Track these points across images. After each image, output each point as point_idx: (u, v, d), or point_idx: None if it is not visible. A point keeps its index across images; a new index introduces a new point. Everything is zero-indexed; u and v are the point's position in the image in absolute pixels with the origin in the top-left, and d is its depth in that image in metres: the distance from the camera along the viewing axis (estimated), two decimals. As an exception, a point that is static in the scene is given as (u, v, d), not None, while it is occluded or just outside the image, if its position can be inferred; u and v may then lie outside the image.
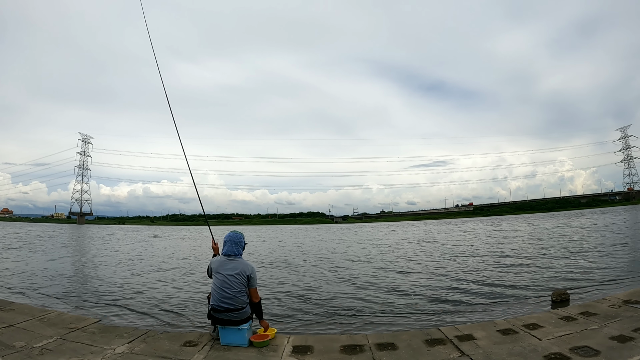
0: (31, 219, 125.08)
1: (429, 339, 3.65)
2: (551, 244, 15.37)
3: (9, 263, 12.77)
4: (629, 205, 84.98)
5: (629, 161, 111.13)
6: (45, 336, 3.70)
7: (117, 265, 12.63)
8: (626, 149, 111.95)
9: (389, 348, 3.46)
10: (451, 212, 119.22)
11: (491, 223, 46.66)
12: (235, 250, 3.71)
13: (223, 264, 3.64)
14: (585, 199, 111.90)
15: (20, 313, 4.50)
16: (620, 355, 2.98)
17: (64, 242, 26.35)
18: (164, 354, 3.34)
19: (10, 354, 3.23)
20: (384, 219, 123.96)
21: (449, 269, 10.20)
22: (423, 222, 76.68)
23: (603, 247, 13.10)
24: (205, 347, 3.50)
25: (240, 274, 3.58)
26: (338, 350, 3.46)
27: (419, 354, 3.30)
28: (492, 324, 4.10)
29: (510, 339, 3.54)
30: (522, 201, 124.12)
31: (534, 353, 3.15)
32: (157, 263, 13.50)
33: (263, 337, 3.63)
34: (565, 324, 3.86)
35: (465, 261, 11.77)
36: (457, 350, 3.35)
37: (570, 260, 10.53)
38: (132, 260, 14.58)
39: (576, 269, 9.05)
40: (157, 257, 15.66)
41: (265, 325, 3.77)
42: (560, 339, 3.42)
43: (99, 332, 3.93)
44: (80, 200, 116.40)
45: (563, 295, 5.94)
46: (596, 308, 4.33)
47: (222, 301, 3.51)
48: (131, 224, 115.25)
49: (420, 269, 10.60)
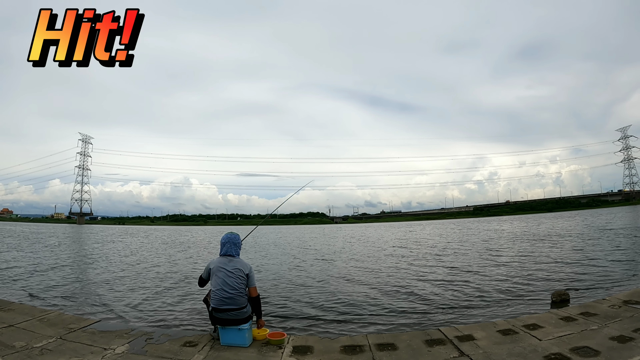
0: (31, 219, 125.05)
1: (429, 339, 3.65)
2: (551, 244, 15.36)
3: (9, 263, 12.76)
4: (628, 205, 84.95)
5: (629, 162, 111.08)
6: (45, 336, 3.70)
7: (117, 266, 12.63)
8: (626, 149, 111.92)
9: (389, 348, 3.46)
10: (451, 213, 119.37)
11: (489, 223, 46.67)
12: (233, 250, 3.78)
13: (222, 264, 3.68)
14: (585, 199, 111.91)
15: (20, 313, 4.49)
16: (620, 355, 2.98)
17: (64, 242, 26.34)
18: (164, 354, 3.34)
19: (10, 354, 3.23)
20: (384, 219, 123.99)
21: (449, 269, 10.20)
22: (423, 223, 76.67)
23: (603, 247, 13.09)
24: (205, 347, 3.50)
25: (240, 274, 3.62)
26: (338, 351, 3.46)
27: (419, 354, 3.30)
28: (492, 324, 4.10)
29: (510, 339, 3.54)
30: (522, 201, 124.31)
31: (534, 353, 3.15)
32: (157, 264, 13.50)
33: (279, 335, 3.71)
34: (565, 324, 3.86)
35: (465, 261, 11.77)
36: (457, 350, 3.34)
37: (570, 260, 10.53)
38: (132, 260, 14.58)
39: (576, 269, 9.04)
40: (157, 258, 15.66)
41: (261, 325, 3.80)
42: (560, 340, 3.41)
43: (99, 332, 3.93)
44: (80, 200, 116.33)
45: (563, 295, 5.94)
46: (596, 308, 4.33)
47: (222, 301, 3.53)
48: (131, 224, 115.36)
49: (420, 269, 10.60)
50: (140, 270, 11.36)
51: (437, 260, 12.56)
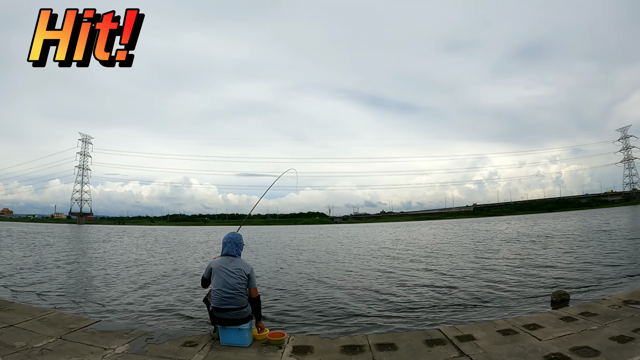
0: (31, 219, 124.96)
1: (429, 339, 3.65)
2: (551, 244, 15.37)
3: (9, 263, 12.76)
4: (629, 205, 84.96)
5: (628, 162, 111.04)
6: (45, 336, 3.70)
7: (117, 266, 12.62)
8: (626, 149, 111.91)
9: (389, 348, 3.46)
10: (451, 213, 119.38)
11: (488, 223, 46.67)
12: (234, 250, 3.78)
13: (223, 264, 3.68)
14: (585, 199, 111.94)
15: (20, 313, 4.49)
16: (620, 355, 2.98)
17: (64, 242, 26.34)
18: (164, 354, 3.34)
19: (10, 354, 3.23)
20: (384, 219, 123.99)
21: (449, 269, 10.19)
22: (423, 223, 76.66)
23: (603, 247, 13.09)
24: (205, 347, 3.50)
25: (241, 274, 3.62)
26: (338, 351, 3.46)
27: (419, 354, 3.30)
28: (492, 324, 4.10)
29: (510, 339, 3.54)
30: (522, 201, 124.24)
31: (534, 353, 3.15)
32: (156, 263, 13.49)
33: (279, 335, 3.71)
34: (565, 324, 3.86)
35: (465, 261, 11.77)
36: (457, 350, 3.35)
37: (570, 260, 10.53)
38: (132, 260, 14.57)
39: (576, 269, 9.04)
40: (156, 258, 15.66)
41: (260, 327, 3.79)
42: (560, 340, 3.41)
43: (99, 332, 3.93)
44: (80, 200, 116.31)
45: (563, 295, 5.94)
46: (596, 308, 4.33)
47: (223, 300, 3.54)
48: (131, 224, 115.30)
49: (420, 269, 10.60)
50: (141, 270, 11.36)
51: (437, 260, 12.56)
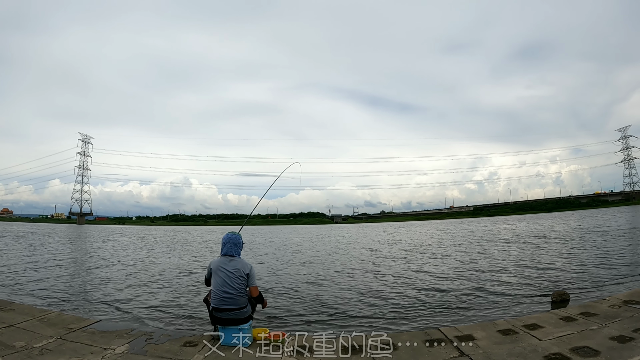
0: (31, 219, 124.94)
1: (429, 339, 3.65)
2: (551, 244, 15.37)
3: (9, 263, 12.76)
4: (629, 205, 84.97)
5: (628, 162, 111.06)
6: (45, 336, 3.69)
7: (117, 266, 12.63)
8: (626, 149, 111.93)
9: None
10: (451, 213, 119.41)
11: (488, 223, 46.65)
12: (233, 250, 3.78)
13: (222, 264, 3.68)
14: (585, 199, 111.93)
15: (20, 313, 4.49)
16: (620, 355, 2.98)
17: (64, 242, 26.33)
18: (164, 354, 3.34)
19: (10, 354, 3.23)
20: (384, 219, 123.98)
21: (449, 269, 10.20)
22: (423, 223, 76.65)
23: (603, 247, 13.09)
24: (205, 347, 3.50)
25: (240, 273, 3.63)
26: (338, 351, 3.46)
27: (419, 354, 3.30)
28: (492, 324, 4.09)
29: (510, 339, 3.53)
30: (522, 201, 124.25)
31: (534, 353, 3.15)
32: (157, 263, 13.49)
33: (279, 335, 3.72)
34: (565, 324, 3.86)
35: (464, 261, 11.77)
36: (457, 350, 3.34)
37: (570, 260, 10.53)
38: (132, 260, 14.57)
39: (576, 269, 9.05)
40: (156, 258, 15.65)
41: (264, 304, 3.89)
42: (560, 340, 3.41)
43: (99, 332, 3.92)
44: (80, 200, 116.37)
45: (563, 295, 5.94)
46: (596, 308, 4.32)
47: (223, 300, 3.54)
48: (131, 224, 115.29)
49: (420, 269, 10.60)
50: (141, 270, 11.36)
51: (437, 260, 12.56)
